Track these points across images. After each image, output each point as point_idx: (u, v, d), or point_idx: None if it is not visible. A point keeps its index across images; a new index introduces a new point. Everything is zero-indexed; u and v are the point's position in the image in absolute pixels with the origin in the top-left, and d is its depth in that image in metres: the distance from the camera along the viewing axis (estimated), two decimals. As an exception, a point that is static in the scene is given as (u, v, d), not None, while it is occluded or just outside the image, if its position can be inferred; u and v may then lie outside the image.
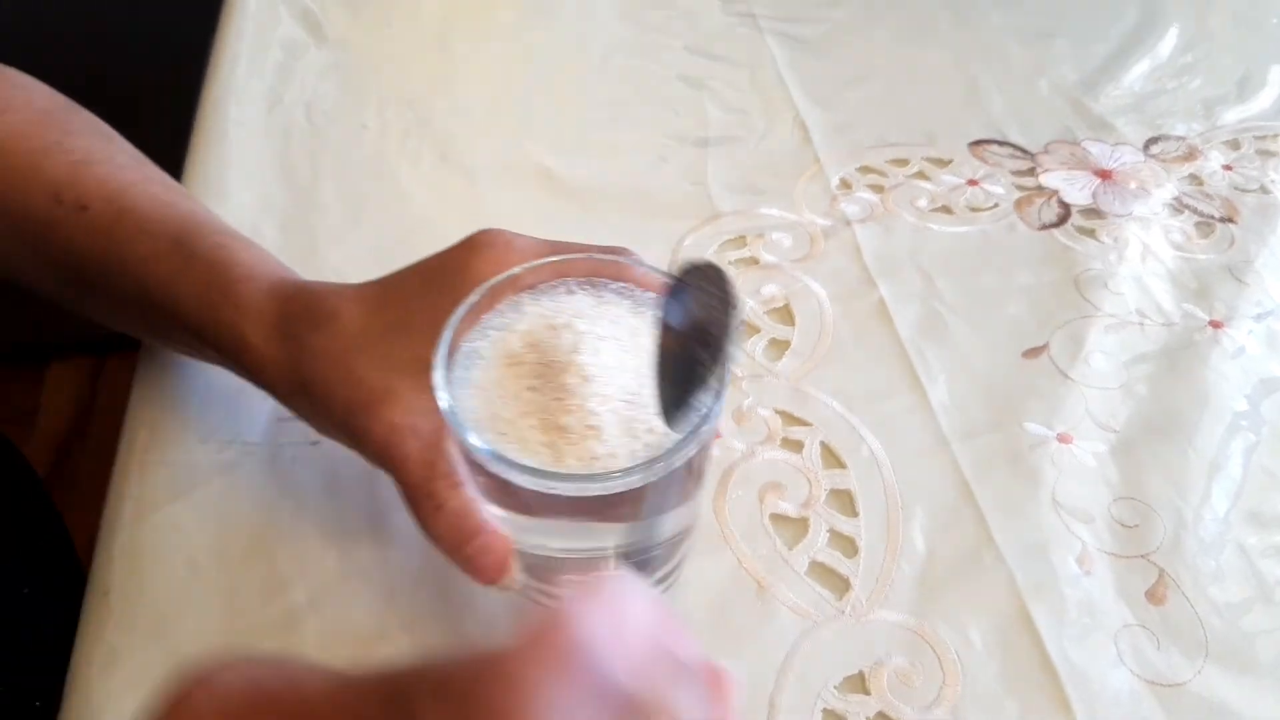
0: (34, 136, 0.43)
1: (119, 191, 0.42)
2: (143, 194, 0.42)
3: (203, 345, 0.40)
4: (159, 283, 0.39)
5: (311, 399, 0.37)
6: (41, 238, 0.42)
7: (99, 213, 0.41)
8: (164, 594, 0.39)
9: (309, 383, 0.36)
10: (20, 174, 0.42)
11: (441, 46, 0.67)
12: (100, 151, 0.44)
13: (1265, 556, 0.43)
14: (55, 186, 0.41)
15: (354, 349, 0.35)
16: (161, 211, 0.41)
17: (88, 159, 0.43)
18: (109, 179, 0.42)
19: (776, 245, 0.55)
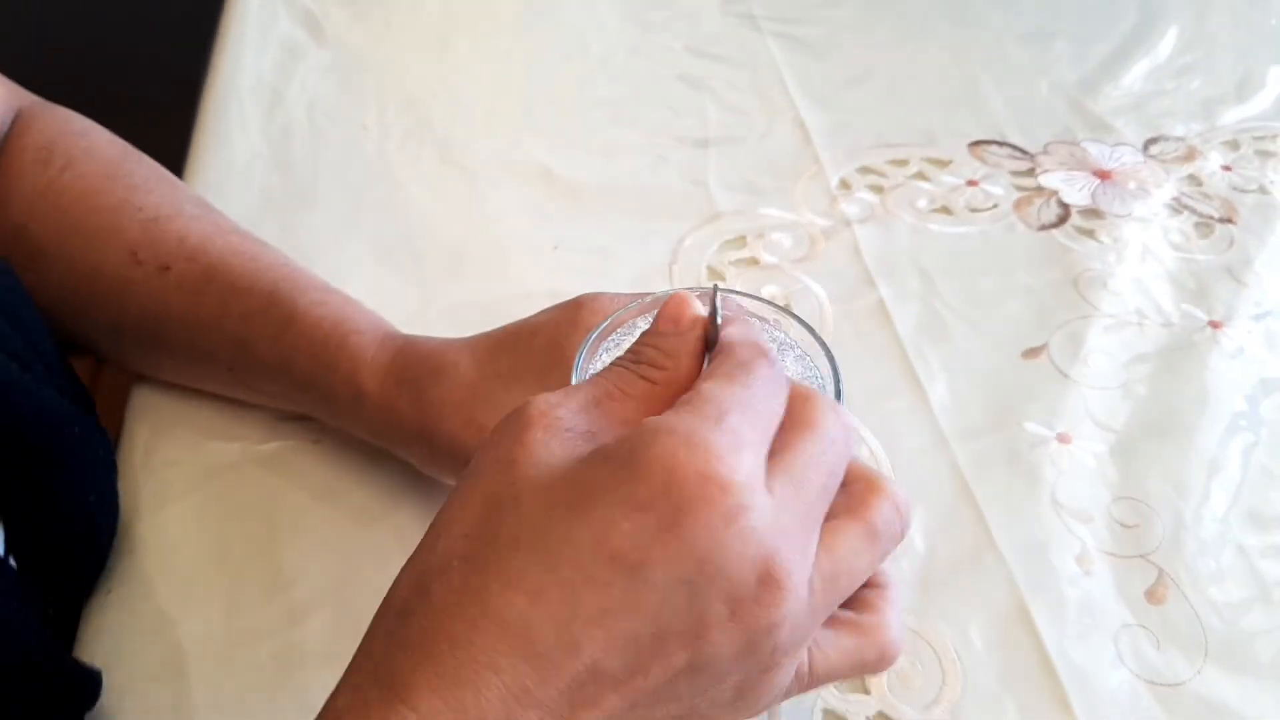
0: (103, 192, 0.43)
1: (199, 249, 0.42)
2: (223, 248, 0.43)
3: (306, 395, 0.41)
4: (261, 339, 0.41)
5: (433, 446, 0.38)
6: (116, 297, 0.42)
7: (183, 272, 0.42)
8: (164, 594, 0.39)
9: (431, 432, 0.38)
10: (93, 235, 0.43)
11: (441, 47, 0.67)
12: (169, 204, 0.44)
13: (1264, 556, 0.43)
14: (131, 246, 0.42)
15: (474, 399, 0.38)
16: (248, 266, 0.42)
17: (158, 215, 0.43)
18: (186, 235, 0.43)
19: (776, 245, 0.55)
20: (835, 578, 0.26)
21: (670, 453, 0.24)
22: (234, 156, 0.57)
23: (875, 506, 0.27)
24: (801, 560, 0.25)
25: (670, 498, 0.23)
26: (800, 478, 0.25)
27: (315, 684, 0.37)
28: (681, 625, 0.24)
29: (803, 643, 0.26)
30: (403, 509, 0.42)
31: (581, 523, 0.24)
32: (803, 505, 0.25)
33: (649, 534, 0.23)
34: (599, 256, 0.53)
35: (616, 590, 0.23)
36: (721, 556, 0.23)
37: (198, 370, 0.44)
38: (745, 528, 0.24)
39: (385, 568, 0.40)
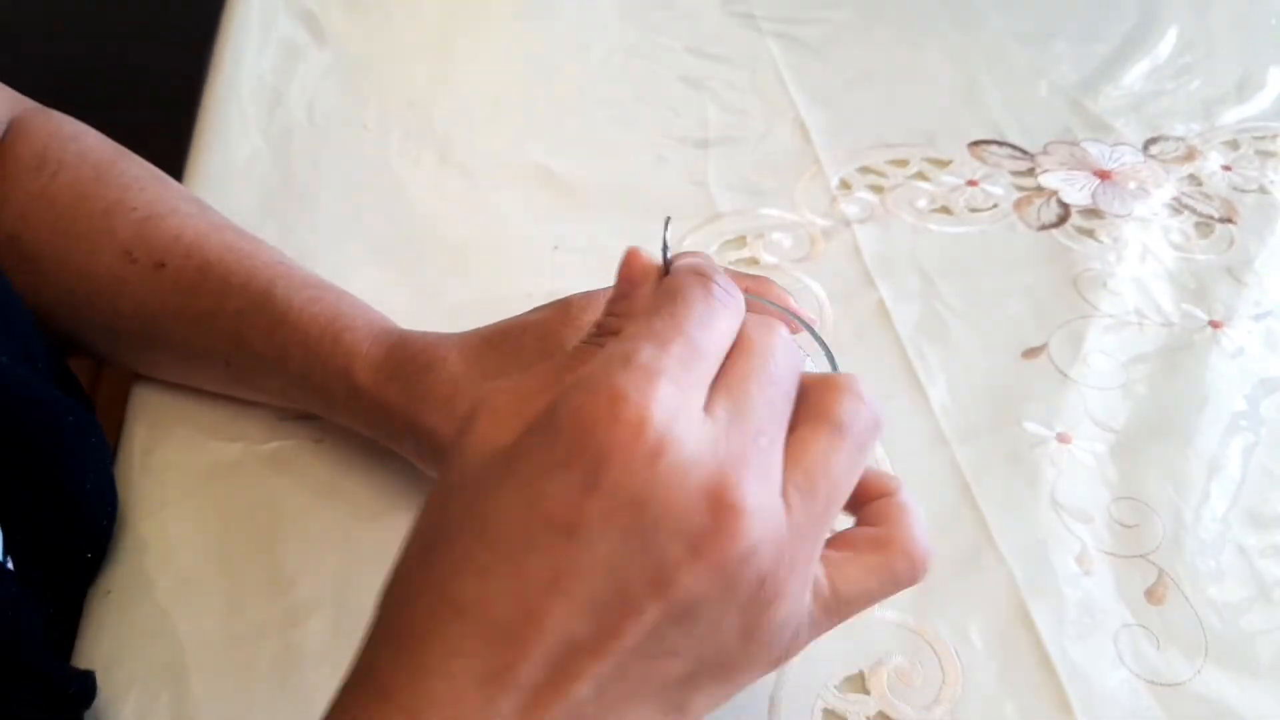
0: (95, 197, 0.43)
1: (195, 246, 0.42)
2: (218, 245, 0.43)
3: (301, 391, 0.41)
4: (257, 334, 0.41)
5: (418, 440, 0.39)
6: (110, 297, 0.42)
7: (178, 269, 0.42)
8: (164, 594, 0.39)
9: (417, 426, 0.38)
10: (86, 236, 0.43)
11: (442, 47, 0.67)
12: (162, 203, 0.44)
13: (1264, 556, 0.43)
14: (125, 245, 0.42)
15: (458, 395, 0.38)
16: (244, 264, 0.42)
17: (151, 213, 0.43)
18: (181, 232, 0.43)
19: (776, 246, 0.55)
20: (812, 488, 0.25)
21: (577, 404, 0.23)
22: (234, 156, 0.57)
23: (834, 402, 0.26)
24: (758, 478, 0.24)
25: (586, 450, 0.23)
26: (740, 396, 0.24)
27: (315, 684, 0.37)
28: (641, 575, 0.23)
29: (799, 565, 0.24)
30: (403, 509, 0.42)
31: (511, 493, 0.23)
32: (749, 423, 0.24)
33: (575, 491, 0.23)
34: (599, 256, 0.53)
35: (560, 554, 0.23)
36: (656, 496, 0.23)
37: (195, 367, 0.44)
38: (674, 461, 0.23)
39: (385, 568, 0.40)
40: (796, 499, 0.24)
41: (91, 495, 0.38)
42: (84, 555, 0.38)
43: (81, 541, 0.38)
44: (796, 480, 0.24)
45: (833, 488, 0.25)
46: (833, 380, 0.26)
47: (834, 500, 0.25)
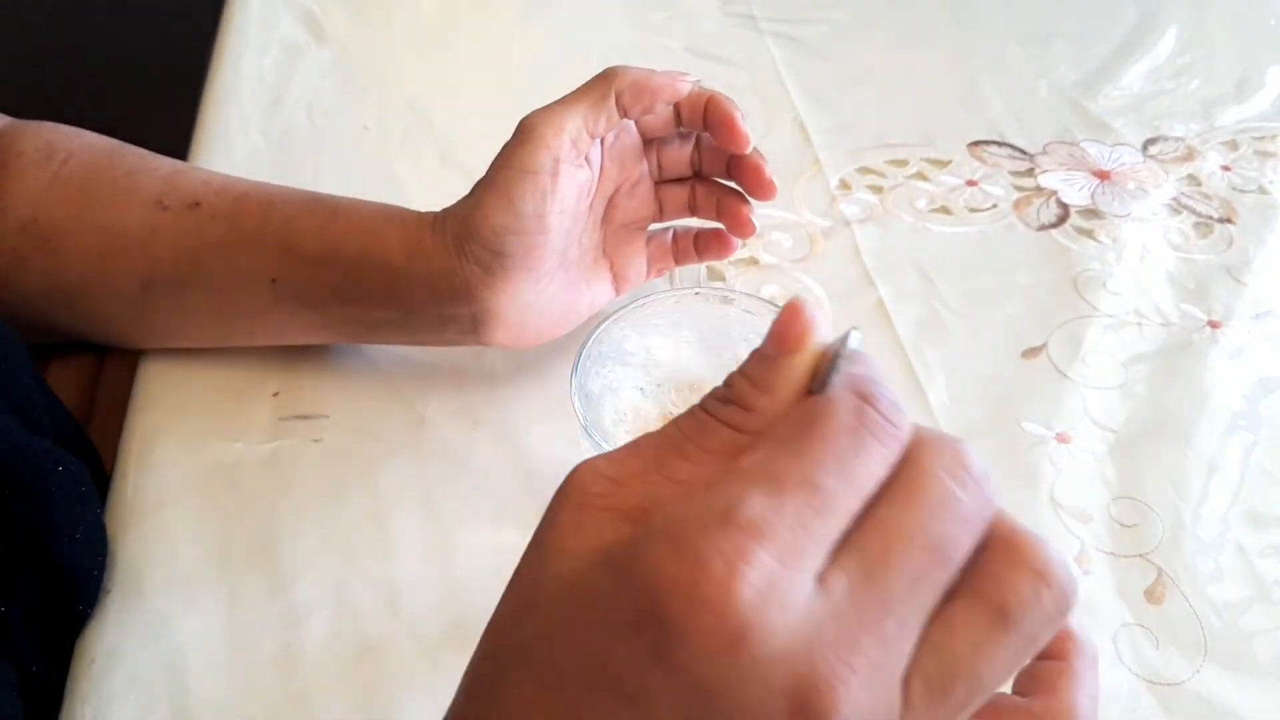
0: (114, 166, 0.44)
1: (228, 185, 0.44)
2: (250, 184, 0.44)
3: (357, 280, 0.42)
4: (308, 235, 0.42)
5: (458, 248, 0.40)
6: (143, 246, 0.43)
7: (214, 204, 0.43)
8: (164, 594, 0.39)
9: (459, 237, 0.40)
10: (111, 198, 0.43)
11: (442, 47, 0.67)
12: (183, 166, 0.46)
13: (1263, 556, 0.43)
14: (155, 196, 0.43)
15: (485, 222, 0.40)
16: (280, 189, 0.44)
17: (176, 169, 0.45)
18: (210, 179, 0.44)
19: (776, 246, 0.55)
20: (948, 684, 0.19)
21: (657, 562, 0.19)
22: (234, 156, 0.57)
23: (1010, 582, 0.20)
24: (868, 677, 0.19)
25: (656, 622, 0.19)
26: (876, 564, 0.19)
27: (315, 684, 0.37)
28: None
29: None
30: (403, 509, 0.42)
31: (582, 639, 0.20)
32: (876, 600, 0.19)
33: (643, 661, 0.19)
34: (599, 257, 0.53)
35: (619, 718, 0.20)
36: (731, 690, 0.19)
37: (237, 295, 0.43)
38: (758, 652, 0.18)
39: (385, 568, 0.41)
40: (921, 694, 0.19)
41: (81, 546, 0.37)
42: (74, 609, 0.38)
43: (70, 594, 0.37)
44: (928, 672, 0.19)
45: (975, 689, 0.20)
46: (1018, 553, 0.20)
47: (972, 702, 0.20)
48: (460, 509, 0.42)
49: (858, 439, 0.20)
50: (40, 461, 0.36)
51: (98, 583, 0.39)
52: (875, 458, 0.20)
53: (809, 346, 0.22)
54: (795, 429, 0.21)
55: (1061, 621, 0.20)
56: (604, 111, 0.40)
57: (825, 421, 0.20)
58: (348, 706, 0.36)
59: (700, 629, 0.19)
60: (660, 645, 0.19)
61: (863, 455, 0.20)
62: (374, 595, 0.40)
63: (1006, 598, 0.20)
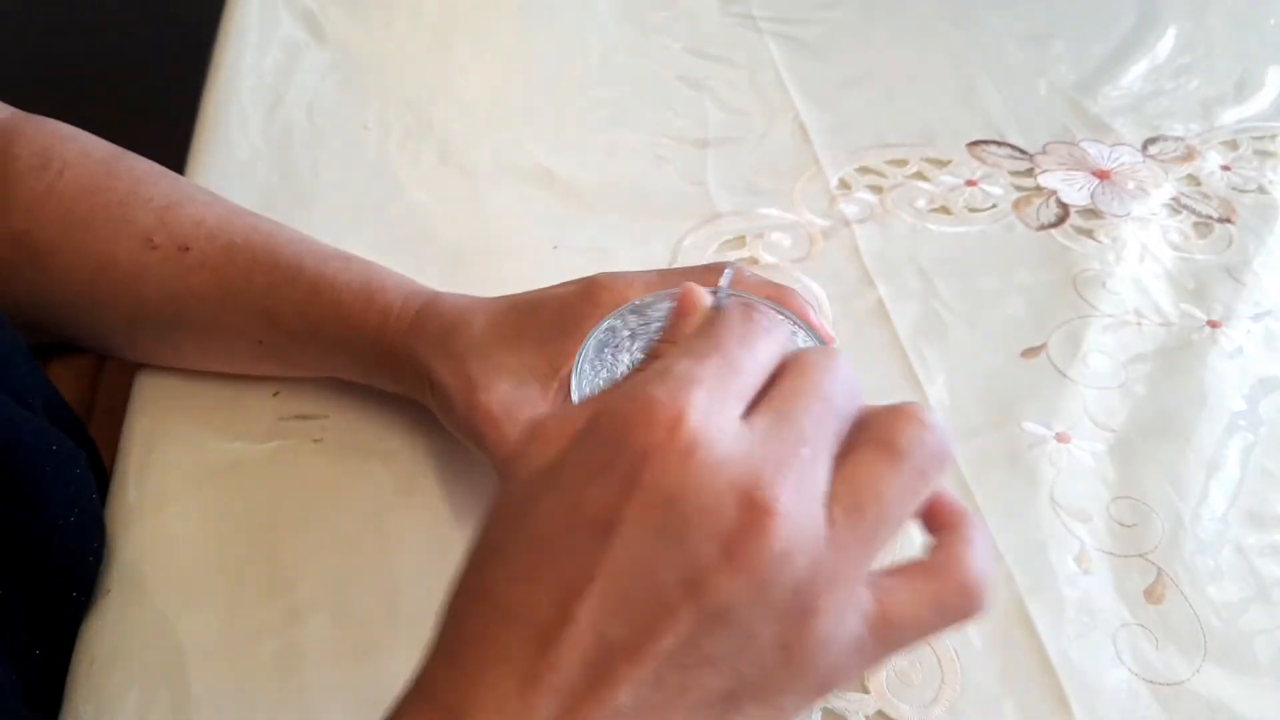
0: (107, 190, 0.44)
1: (218, 229, 0.43)
2: (242, 227, 0.44)
3: (335, 358, 0.43)
4: (290, 308, 0.42)
5: (434, 391, 0.40)
6: (132, 284, 0.43)
7: (203, 251, 0.42)
8: (164, 594, 0.39)
9: (434, 379, 0.40)
10: (103, 227, 0.43)
11: (442, 47, 0.67)
12: (176, 193, 0.45)
13: (1263, 556, 0.43)
14: (146, 233, 0.43)
15: (471, 353, 0.39)
16: (269, 242, 0.43)
17: (169, 203, 0.44)
18: (202, 218, 0.44)
19: (776, 245, 0.55)
20: (857, 506, 0.24)
21: (617, 411, 0.24)
22: (234, 157, 0.57)
23: (896, 428, 0.25)
24: (795, 484, 0.23)
25: (625, 451, 0.23)
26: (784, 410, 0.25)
27: (315, 684, 0.37)
28: (674, 575, 0.23)
29: (839, 579, 0.24)
30: (403, 509, 0.42)
31: (555, 498, 0.24)
32: (790, 434, 0.24)
33: (614, 491, 0.23)
34: (599, 256, 0.54)
35: (598, 554, 0.23)
36: (689, 494, 0.23)
37: (223, 348, 0.44)
38: (706, 459, 0.23)
39: (385, 568, 0.41)
40: (840, 514, 0.24)
41: (75, 530, 0.37)
42: (70, 595, 0.38)
43: (66, 580, 0.37)
44: (841, 496, 0.24)
45: (882, 510, 0.24)
46: (898, 408, 0.26)
47: (883, 523, 0.25)
48: (460, 509, 0.42)
49: (748, 327, 0.26)
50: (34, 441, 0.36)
51: (94, 570, 0.39)
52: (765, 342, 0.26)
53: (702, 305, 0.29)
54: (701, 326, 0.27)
55: (944, 460, 0.26)
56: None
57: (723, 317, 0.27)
58: (347, 706, 0.36)
59: (660, 446, 0.23)
60: (627, 473, 0.23)
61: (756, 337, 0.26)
62: (374, 595, 0.40)
63: (895, 437, 0.25)
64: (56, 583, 0.37)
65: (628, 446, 0.23)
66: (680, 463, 0.23)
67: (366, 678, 0.37)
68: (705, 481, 0.23)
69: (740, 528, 0.23)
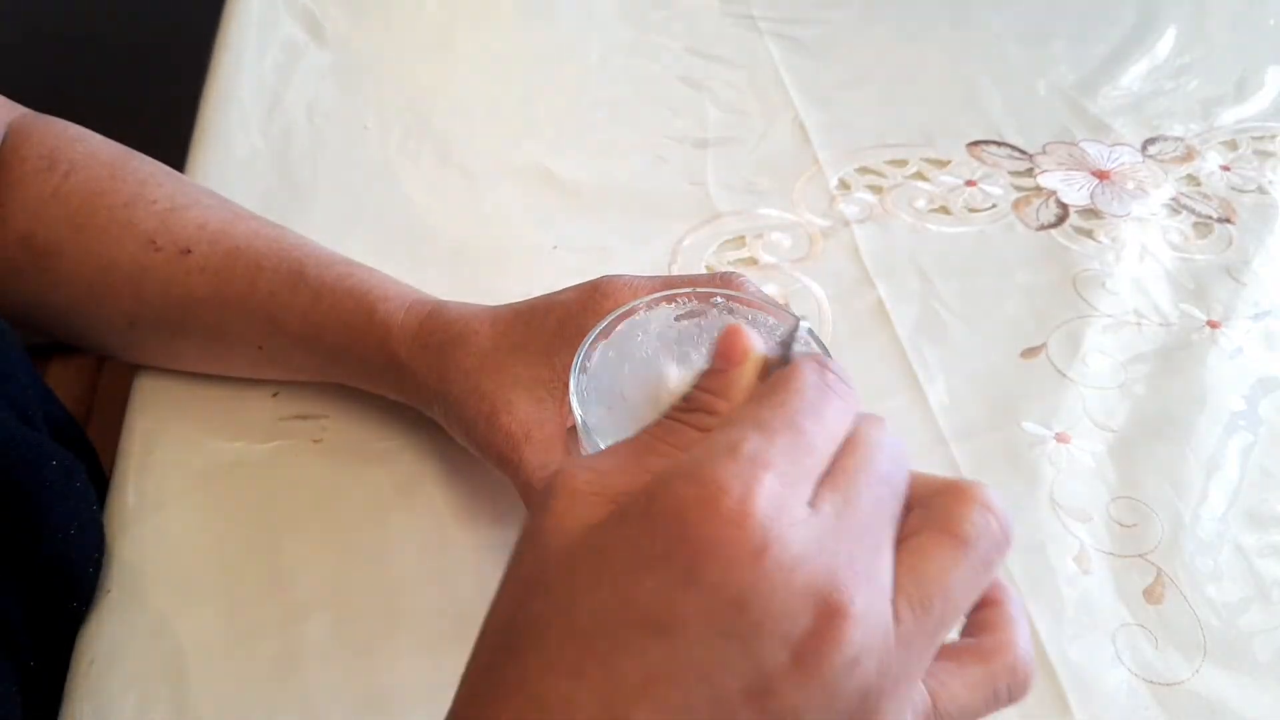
0: (112, 192, 0.43)
1: (221, 233, 0.43)
2: (244, 231, 0.43)
3: (337, 366, 0.42)
4: (292, 315, 0.42)
5: (445, 406, 0.39)
6: (134, 286, 0.43)
7: (205, 255, 0.42)
8: (164, 594, 0.39)
9: (445, 394, 0.39)
10: (106, 229, 0.43)
11: (442, 47, 0.67)
12: (182, 196, 0.45)
13: (1262, 556, 0.43)
14: (149, 235, 0.43)
15: (483, 367, 0.39)
16: (272, 247, 0.43)
17: (173, 206, 0.44)
18: (205, 221, 0.43)
19: (775, 245, 0.55)
20: (925, 602, 0.23)
21: (678, 495, 0.22)
22: (234, 157, 0.57)
23: (959, 514, 0.24)
24: (867, 580, 0.22)
25: (686, 544, 0.21)
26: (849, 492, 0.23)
27: (315, 684, 0.37)
28: (739, 683, 0.21)
29: (904, 679, 0.23)
30: (403, 509, 0.42)
31: (605, 589, 0.22)
32: (856, 521, 0.23)
33: (673, 588, 0.21)
34: (598, 256, 0.54)
35: (655, 655, 0.21)
36: (760, 596, 0.21)
37: (224, 352, 0.44)
38: (779, 559, 0.21)
39: (385, 568, 0.41)
40: (906, 611, 0.22)
41: (75, 543, 0.37)
42: (70, 605, 0.37)
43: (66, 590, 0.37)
44: (908, 591, 0.23)
45: (948, 604, 0.23)
46: (962, 489, 0.25)
47: (948, 618, 0.23)
48: (460, 509, 0.42)
49: (822, 393, 0.24)
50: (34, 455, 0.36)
51: (94, 580, 0.39)
52: (838, 409, 0.24)
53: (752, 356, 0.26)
54: (770, 389, 0.24)
55: (1007, 546, 0.24)
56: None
57: (795, 380, 0.25)
58: (347, 706, 0.36)
59: (727, 542, 0.21)
60: (688, 568, 0.21)
61: (829, 405, 0.24)
62: (374, 595, 0.40)
63: (963, 526, 0.24)
64: (56, 593, 0.37)
65: (688, 538, 0.21)
66: (750, 563, 0.21)
67: (366, 677, 0.37)
68: (777, 583, 0.21)
69: (814, 634, 0.21)
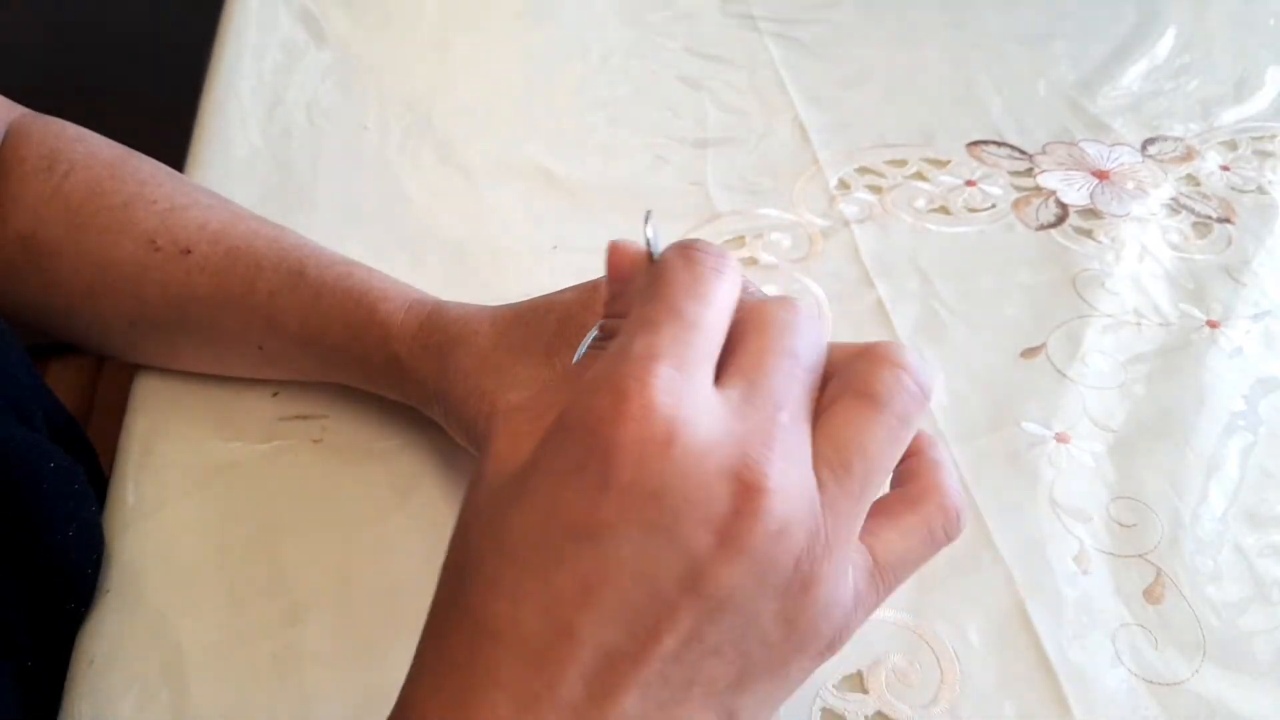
0: (112, 192, 0.43)
1: (221, 232, 0.43)
2: (244, 231, 0.43)
3: (337, 366, 0.42)
4: (291, 315, 0.41)
5: (446, 407, 0.40)
6: (134, 286, 0.43)
7: (205, 255, 0.42)
8: (164, 594, 0.39)
9: (445, 394, 0.39)
10: (107, 229, 0.43)
11: (441, 47, 0.67)
12: (182, 196, 0.45)
13: (1262, 556, 0.43)
14: (149, 235, 0.42)
15: (483, 368, 0.38)
16: (272, 247, 0.43)
17: (173, 205, 0.44)
18: (205, 221, 0.43)
19: (775, 246, 0.55)
20: (845, 464, 0.23)
21: (583, 406, 0.22)
22: (233, 156, 0.57)
23: (872, 373, 0.24)
24: (782, 454, 0.22)
25: (597, 450, 0.22)
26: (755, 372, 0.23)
27: (314, 684, 0.37)
28: (671, 573, 0.22)
29: (835, 545, 0.23)
30: (403, 510, 0.42)
31: (529, 507, 0.23)
32: (767, 399, 0.23)
33: (591, 494, 0.22)
34: (598, 256, 0.53)
35: (586, 562, 0.22)
36: (674, 485, 0.21)
37: (225, 352, 0.44)
38: (688, 445, 0.22)
39: (385, 568, 0.41)
40: (828, 475, 0.23)
41: (74, 544, 0.37)
42: (66, 605, 0.37)
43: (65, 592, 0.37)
44: (827, 456, 0.23)
45: (870, 464, 0.24)
46: (871, 349, 0.25)
47: (871, 477, 0.24)
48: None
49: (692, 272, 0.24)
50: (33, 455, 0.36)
51: (92, 581, 0.39)
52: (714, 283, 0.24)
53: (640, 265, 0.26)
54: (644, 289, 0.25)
55: (925, 401, 0.25)
56: None
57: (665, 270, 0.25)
58: (347, 707, 0.36)
59: (634, 439, 0.21)
60: (602, 472, 0.22)
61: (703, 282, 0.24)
62: (374, 595, 0.40)
63: (874, 385, 0.24)
64: (55, 594, 0.37)
65: (599, 443, 0.22)
66: (660, 454, 0.21)
67: (366, 678, 0.37)
68: (690, 470, 0.22)
69: (734, 512, 0.22)
